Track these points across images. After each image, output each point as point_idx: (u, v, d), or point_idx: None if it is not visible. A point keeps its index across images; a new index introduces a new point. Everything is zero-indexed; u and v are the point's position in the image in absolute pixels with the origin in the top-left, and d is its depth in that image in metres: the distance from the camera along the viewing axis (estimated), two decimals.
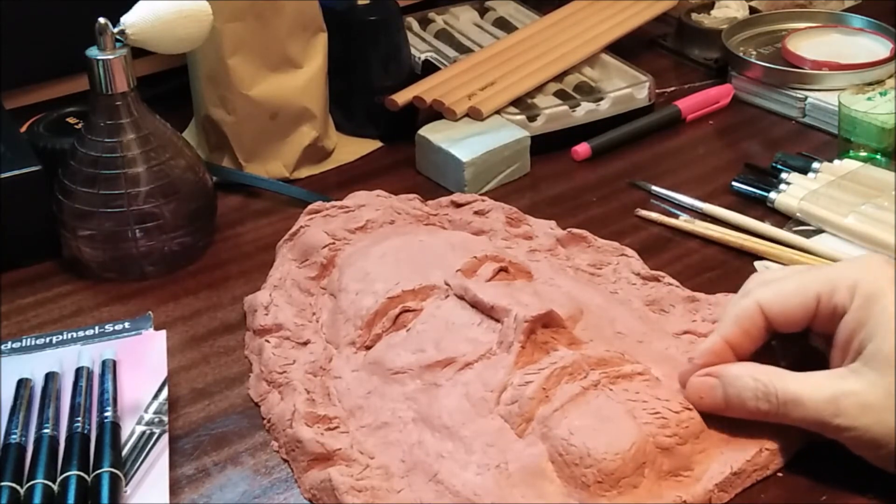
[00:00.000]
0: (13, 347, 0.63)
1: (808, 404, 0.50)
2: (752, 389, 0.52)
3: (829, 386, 0.50)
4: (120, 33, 0.69)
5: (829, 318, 0.52)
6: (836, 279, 0.52)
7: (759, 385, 0.52)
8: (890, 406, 0.48)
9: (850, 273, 0.52)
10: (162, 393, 0.58)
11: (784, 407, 0.51)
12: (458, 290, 0.60)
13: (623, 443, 0.50)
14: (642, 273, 0.68)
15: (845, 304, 0.51)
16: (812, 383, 0.51)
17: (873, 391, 0.49)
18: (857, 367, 0.50)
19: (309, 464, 0.55)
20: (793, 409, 0.51)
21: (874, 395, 0.49)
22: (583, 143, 0.87)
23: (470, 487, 0.51)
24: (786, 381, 0.51)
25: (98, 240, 0.71)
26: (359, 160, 0.88)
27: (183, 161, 0.73)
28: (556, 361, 0.54)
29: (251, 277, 0.72)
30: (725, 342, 0.54)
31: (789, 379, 0.51)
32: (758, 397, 0.52)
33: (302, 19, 0.82)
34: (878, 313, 0.50)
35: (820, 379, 0.51)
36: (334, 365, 0.61)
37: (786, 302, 0.53)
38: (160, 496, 0.53)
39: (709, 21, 1.06)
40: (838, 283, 0.51)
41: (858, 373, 0.50)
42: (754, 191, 0.80)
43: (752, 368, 0.53)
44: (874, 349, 0.49)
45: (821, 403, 0.50)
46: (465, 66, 0.93)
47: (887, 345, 0.49)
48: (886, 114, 0.81)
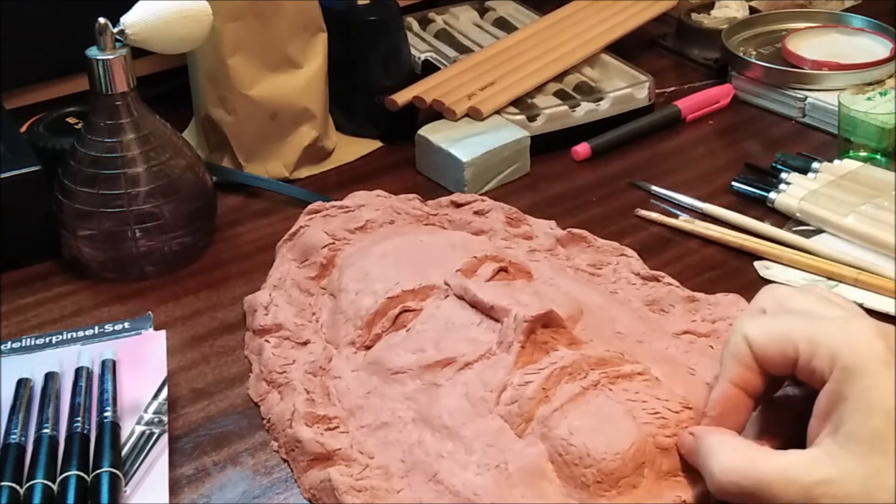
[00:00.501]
0: (13, 347, 0.63)
1: (779, 494, 0.47)
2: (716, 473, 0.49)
3: (803, 474, 0.46)
4: (120, 33, 0.69)
5: (808, 377, 0.49)
6: (819, 340, 0.48)
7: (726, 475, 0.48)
8: (865, 496, 0.45)
9: (834, 338, 0.48)
10: (162, 393, 0.58)
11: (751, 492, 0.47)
12: (457, 290, 0.60)
13: (623, 443, 0.50)
14: (642, 273, 0.68)
15: (824, 371, 0.48)
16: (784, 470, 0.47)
17: (848, 480, 0.46)
18: (833, 449, 0.46)
19: (309, 464, 0.55)
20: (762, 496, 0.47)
21: (849, 485, 0.45)
22: (583, 143, 0.87)
23: (470, 487, 0.51)
24: (756, 467, 0.48)
25: (98, 240, 0.72)
26: (359, 160, 0.88)
27: (183, 161, 0.73)
28: (555, 361, 0.54)
29: (251, 277, 0.72)
30: (733, 385, 0.51)
31: (760, 463, 0.48)
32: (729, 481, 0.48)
33: (302, 19, 0.82)
34: (859, 392, 0.46)
35: (793, 464, 0.47)
36: (334, 365, 0.61)
37: (767, 346, 0.50)
38: (160, 496, 0.53)
39: (709, 21, 1.06)
40: (820, 346, 0.48)
41: (834, 458, 0.46)
42: (754, 191, 0.80)
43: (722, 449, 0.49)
44: (852, 430, 0.46)
45: (792, 494, 0.46)
46: (465, 66, 0.93)
47: (866, 429, 0.46)
48: (886, 114, 0.81)
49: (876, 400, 0.46)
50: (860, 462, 0.46)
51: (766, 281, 0.71)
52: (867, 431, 0.46)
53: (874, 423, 0.46)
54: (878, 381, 0.46)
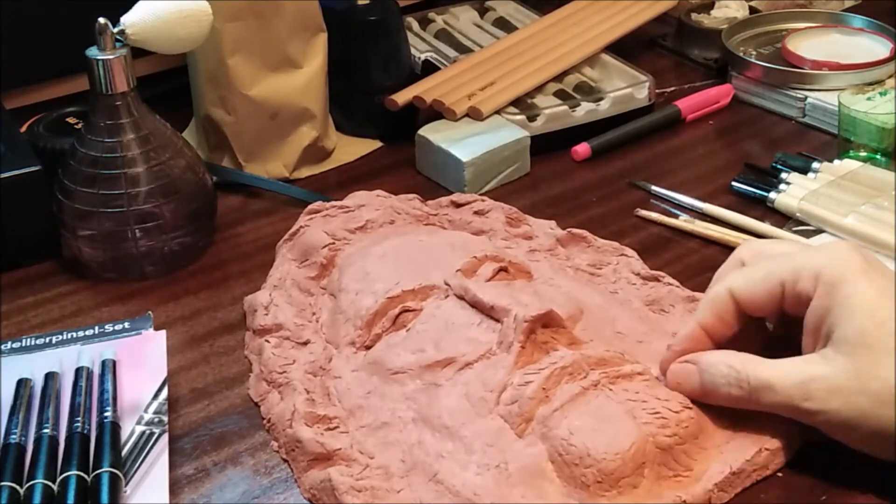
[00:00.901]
0: (13, 347, 0.63)
1: (779, 389, 0.51)
2: (725, 376, 0.53)
3: (799, 371, 0.51)
4: (120, 33, 0.69)
5: (795, 304, 0.53)
6: (799, 267, 0.53)
7: (732, 371, 0.53)
8: (858, 388, 0.50)
9: (814, 261, 0.52)
10: (162, 393, 0.58)
11: (756, 392, 0.52)
12: (457, 290, 0.60)
13: (623, 443, 0.50)
14: (642, 273, 0.68)
15: (809, 291, 0.52)
16: (782, 369, 0.52)
17: (841, 374, 0.50)
18: (826, 352, 0.51)
19: (309, 464, 0.55)
20: (764, 394, 0.52)
21: (842, 379, 0.50)
22: (583, 143, 0.87)
23: (470, 487, 0.51)
24: (757, 368, 0.52)
25: (98, 240, 0.71)
26: (359, 160, 0.88)
27: (183, 161, 0.73)
28: (555, 361, 0.54)
29: (251, 277, 0.72)
30: (701, 328, 0.55)
31: (761, 365, 0.53)
32: (730, 383, 0.53)
33: (302, 19, 0.82)
34: (841, 300, 0.51)
35: (790, 364, 0.52)
36: (334, 365, 0.61)
37: (753, 289, 0.54)
38: (160, 496, 0.53)
39: (709, 21, 1.06)
40: (802, 270, 0.52)
41: (827, 357, 0.51)
42: (754, 191, 0.80)
43: (727, 356, 0.54)
44: (841, 335, 0.50)
45: (790, 388, 0.51)
46: (465, 66, 0.93)
47: (852, 329, 0.50)
48: (886, 114, 0.81)
49: (857, 303, 0.50)
50: (850, 359, 0.50)
51: None
52: (853, 331, 0.50)
53: (858, 323, 0.50)
54: (858, 287, 0.51)
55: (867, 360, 0.50)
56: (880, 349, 0.50)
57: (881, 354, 0.50)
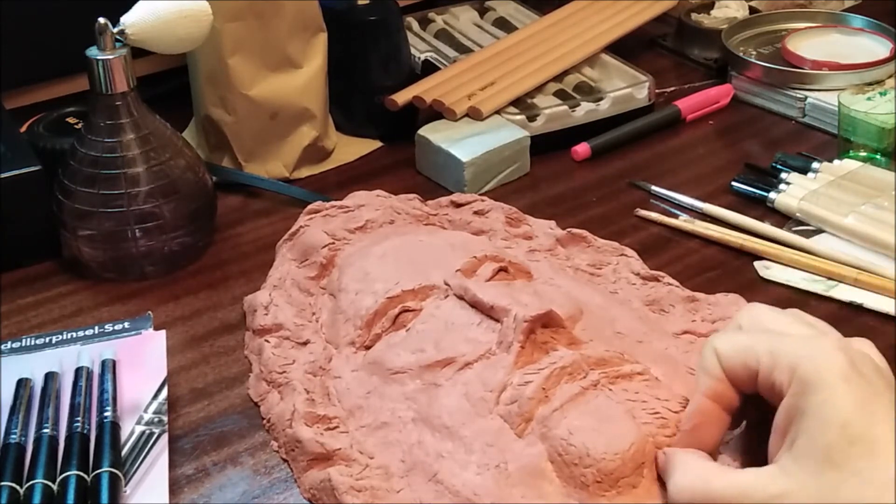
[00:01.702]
0: (13, 347, 0.63)
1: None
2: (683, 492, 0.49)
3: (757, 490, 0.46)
4: (120, 33, 0.69)
5: (768, 392, 0.48)
6: (778, 354, 0.48)
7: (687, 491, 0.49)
8: None
9: (794, 352, 0.47)
10: (162, 393, 0.58)
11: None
12: (457, 290, 0.60)
13: (622, 443, 0.50)
14: (642, 273, 0.68)
15: (782, 384, 0.47)
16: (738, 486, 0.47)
17: (802, 494, 0.45)
18: (788, 465, 0.46)
19: (308, 464, 0.55)
20: None
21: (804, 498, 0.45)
22: (583, 143, 0.87)
23: (469, 487, 0.51)
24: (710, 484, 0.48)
25: (98, 240, 0.72)
26: (359, 160, 0.88)
27: (183, 161, 0.73)
28: (555, 361, 0.54)
29: (251, 277, 0.72)
30: (707, 399, 0.51)
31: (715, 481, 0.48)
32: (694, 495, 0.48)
33: (302, 19, 0.82)
34: (815, 406, 0.46)
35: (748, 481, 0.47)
36: (334, 365, 0.61)
37: (731, 357, 0.50)
38: (160, 496, 0.53)
39: (709, 21, 1.06)
40: (780, 359, 0.47)
41: (789, 474, 0.46)
42: (754, 191, 0.80)
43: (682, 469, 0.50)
44: (805, 444, 0.45)
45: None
46: (465, 66, 0.93)
47: (820, 444, 0.45)
48: (886, 114, 0.81)
49: (830, 413, 0.45)
50: (813, 477, 0.45)
51: (766, 281, 0.71)
52: (821, 445, 0.45)
53: (827, 438, 0.45)
54: (834, 395, 0.45)
55: (831, 479, 0.44)
56: (847, 469, 0.44)
57: (847, 475, 0.44)
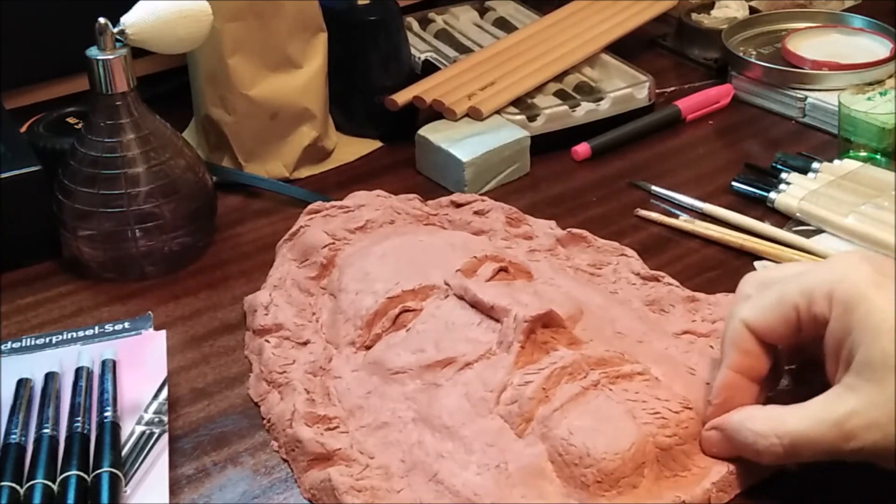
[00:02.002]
0: (13, 347, 0.63)
1: (817, 439, 0.48)
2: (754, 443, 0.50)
3: (830, 413, 0.47)
4: (120, 33, 0.69)
5: (813, 328, 0.50)
6: (810, 288, 0.49)
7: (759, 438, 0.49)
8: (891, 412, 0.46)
9: (825, 279, 0.49)
10: (162, 393, 0.58)
11: (794, 449, 0.49)
12: (457, 290, 0.60)
13: (622, 443, 0.50)
14: (642, 273, 0.68)
15: (825, 313, 0.48)
16: (812, 415, 0.48)
17: (874, 406, 0.46)
18: (851, 381, 0.47)
19: (309, 464, 0.55)
20: (803, 448, 0.48)
21: (877, 411, 0.46)
22: (583, 143, 0.87)
23: (470, 487, 0.51)
24: (786, 423, 0.49)
25: (98, 240, 0.72)
26: (359, 160, 0.88)
27: (183, 161, 0.73)
28: (555, 361, 0.54)
29: (251, 277, 0.72)
30: (733, 372, 0.52)
31: (790, 419, 0.49)
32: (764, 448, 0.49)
33: (302, 19, 0.82)
34: (860, 319, 0.47)
35: (819, 407, 0.48)
36: (334, 365, 0.61)
37: (767, 318, 0.51)
38: (160, 496, 0.53)
39: (709, 21, 1.06)
40: (814, 292, 0.49)
41: (854, 389, 0.47)
42: (754, 191, 0.80)
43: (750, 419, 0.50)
44: (864, 358, 0.47)
45: (829, 434, 0.47)
46: (465, 66, 0.93)
47: (876, 351, 0.46)
48: (886, 114, 0.81)
49: (877, 321, 0.47)
50: (879, 385, 0.46)
51: None
52: (878, 354, 0.46)
53: (882, 345, 0.46)
54: (875, 304, 0.47)
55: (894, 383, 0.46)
56: None
57: None
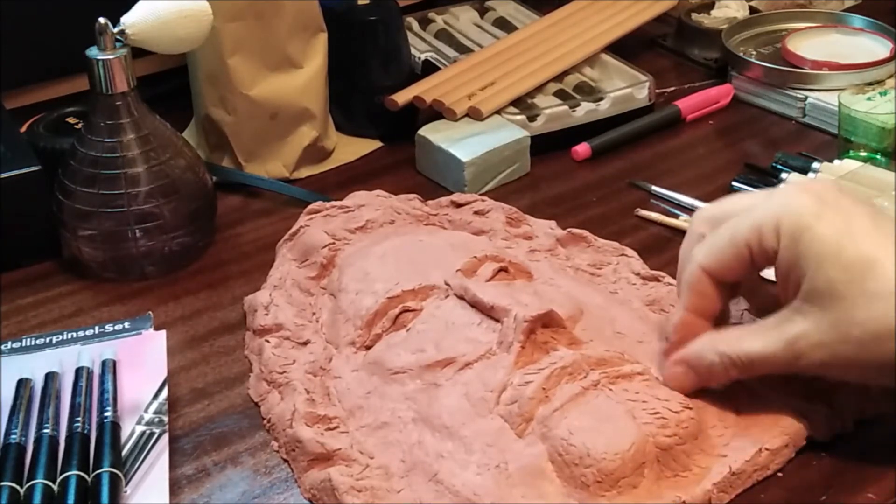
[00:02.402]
0: (13, 347, 0.63)
1: (770, 358, 0.52)
2: (717, 364, 0.53)
3: (782, 333, 0.51)
4: (120, 33, 0.69)
5: (765, 260, 0.52)
6: (760, 223, 0.52)
7: (722, 357, 0.53)
8: (839, 338, 0.49)
9: (772, 212, 0.51)
10: (162, 393, 0.58)
11: (751, 366, 0.53)
12: (458, 290, 0.60)
13: (622, 443, 0.50)
14: (642, 273, 0.68)
15: (773, 245, 0.51)
16: (765, 337, 0.52)
17: (820, 329, 0.50)
18: (799, 305, 0.51)
19: (309, 464, 0.55)
20: (759, 366, 0.53)
21: (822, 333, 0.50)
22: (583, 143, 0.87)
23: (470, 487, 0.51)
24: (742, 343, 0.53)
25: (98, 240, 0.72)
26: (359, 160, 0.88)
27: (183, 161, 0.73)
28: (555, 361, 0.54)
29: (251, 277, 0.72)
30: (689, 312, 0.55)
31: (746, 339, 0.53)
32: (725, 367, 0.53)
33: (302, 19, 0.82)
34: (804, 249, 0.50)
35: (771, 328, 0.52)
36: (334, 365, 0.61)
37: (722, 260, 0.53)
38: (160, 496, 0.53)
39: (709, 21, 1.06)
40: (763, 226, 0.51)
41: (802, 312, 0.50)
42: (754, 191, 0.79)
43: (710, 342, 0.54)
44: (809, 285, 0.50)
45: (780, 353, 0.51)
46: (465, 66, 0.93)
47: (820, 279, 0.49)
48: (886, 114, 0.81)
49: (819, 250, 0.49)
50: (824, 310, 0.50)
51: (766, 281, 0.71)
52: (822, 281, 0.49)
53: (826, 273, 0.49)
54: (817, 233, 0.50)
55: (841, 309, 0.49)
56: (853, 293, 0.49)
57: (854, 300, 0.49)
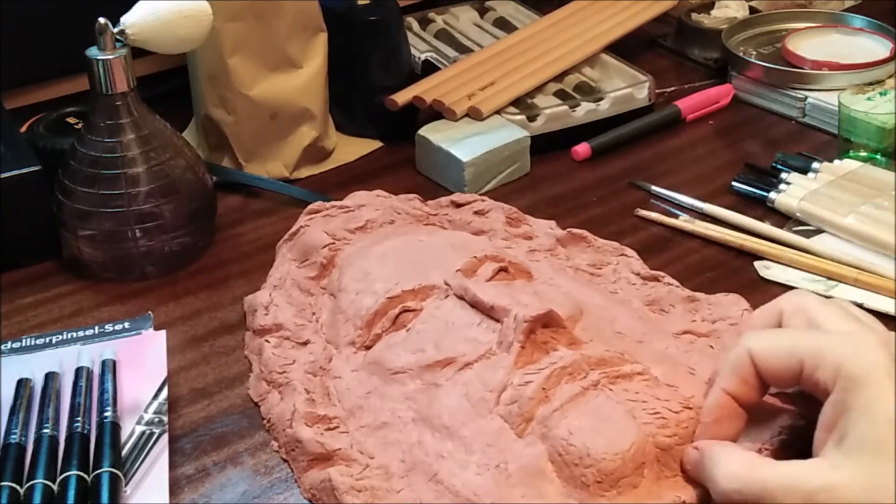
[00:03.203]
0: (13, 347, 0.63)
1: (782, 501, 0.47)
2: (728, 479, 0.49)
3: (805, 483, 0.47)
4: (120, 33, 0.69)
5: (812, 389, 0.49)
6: (822, 353, 0.49)
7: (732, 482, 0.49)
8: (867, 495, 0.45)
9: (838, 350, 0.48)
10: (162, 393, 0.58)
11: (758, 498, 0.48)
12: (457, 290, 0.60)
13: (622, 443, 0.50)
14: (642, 273, 0.68)
15: (828, 382, 0.48)
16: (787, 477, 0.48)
17: (851, 486, 0.46)
18: (837, 459, 0.47)
19: (309, 464, 0.55)
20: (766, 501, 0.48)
21: (851, 490, 0.46)
22: (583, 143, 0.87)
23: (470, 487, 0.51)
24: (760, 475, 0.48)
25: (98, 240, 0.72)
26: (359, 160, 0.88)
27: (183, 161, 0.73)
28: (555, 361, 0.54)
29: (251, 277, 0.72)
30: (727, 394, 0.52)
31: (764, 472, 0.48)
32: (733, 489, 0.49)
33: (302, 19, 0.82)
34: (862, 402, 0.47)
35: (796, 472, 0.48)
36: (334, 365, 0.61)
37: (771, 359, 0.51)
38: (160, 496, 0.53)
39: (709, 21, 1.06)
40: (824, 358, 0.48)
41: (836, 465, 0.47)
42: (754, 191, 0.80)
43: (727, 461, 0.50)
44: (856, 440, 0.46)
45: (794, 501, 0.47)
46: (465, 66, 0.93)
47: (869, 438, 0.46)
48: (886, 114, 0.81)
49: (879, 409, 0.46)
50: (863, 468, 0.46)
51: (767, 281, 0.71)
52: (871, 439, 0.46)
53: (878, 432, 0.46)
54: (881, 391, 0.46)
55: (882, 471, 0.45)
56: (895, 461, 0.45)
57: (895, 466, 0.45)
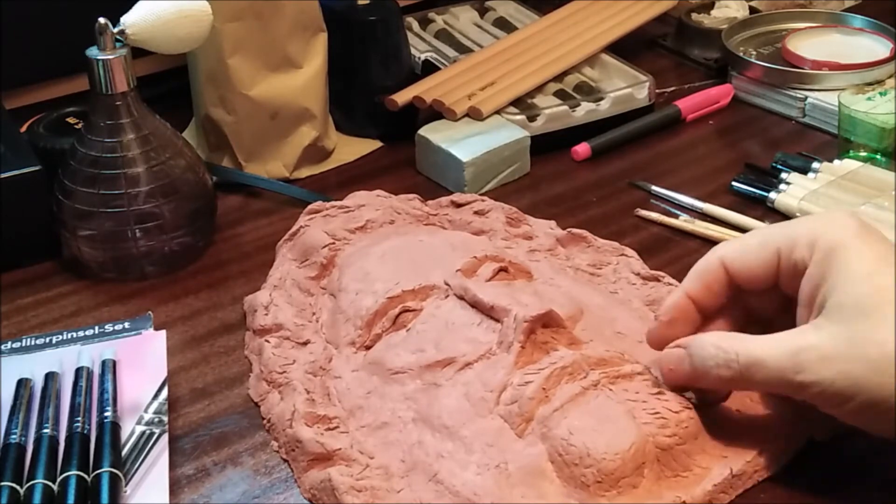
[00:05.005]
0: (13, 347, 0.63)
1: (769, 364, 0.49)
2: (713, 357, 0.50)
3: (789, 343, 0.48)
4: (120, 33, 0.69)
5: (791, 274, 0.51)
6: (796, 234, 0.50)
7: (720, 352, 0.50)
8: (853, 355, 0.47)
9: (811, 227, 0.50)
10: (162, 393, 0.58)
11: (746, 371, 0.49)
12: (458, 290, 0.60)
13: (623, 443, 0.50)
14: (642, 273, 0.68)
15: (805, 259, 0.50)
16: (772, 343, 0.49)
17: (833, 343, 0.47)
18: (819, 321, 0.48)
19: (309, 464, 0.55)
20: (754, 371, 0.49)
21: (834, 347, 0.47)
22: (583, 143, 0.87)
23: (470, 487, 0.51)
24: (746, 344, 0.50)
25: (98, 240, 0.72)
26: (359, 160, 0.88)
27: (183, 161, 0.73)
28: (555, 361, 0.54)
29: (251, 277, 0.72)
30: (688, 297, 0.53)
31: (750, 342, 0.50)
32: (719, 364, 0.50)
33: (302, 19, 0.82)
34: (837, 267, 0.48)
35: (780, 337, 0.49)
36: (334, 365, 0.61)
37: (746, 257, 0.52)
38: (160, 496, 0.53)
39: (709, 21, 1.06)
40: (798, 238, 0.50)
41: (819, 326, 0.48)
42: (754, 191, 0.80)
43: (715, 336, 0.52)
44: (835, 303, 0.48)
45: (781, 361, 0.48)
46: (465, 66, 0.93)
47: (848, 297, 0.47)
48: (886, 114, 0.81)
49: (855, 268, 0.48)
50: (845, 325, 0.47)
51: None
52: (850, 297, 0.47)
53: (857, 290, 0.47)
54: (855, 252, 0.48)
55: (863, 327, 0.47)
56: (878, 315, 0.47)
57: (878, 320, 0.47)
